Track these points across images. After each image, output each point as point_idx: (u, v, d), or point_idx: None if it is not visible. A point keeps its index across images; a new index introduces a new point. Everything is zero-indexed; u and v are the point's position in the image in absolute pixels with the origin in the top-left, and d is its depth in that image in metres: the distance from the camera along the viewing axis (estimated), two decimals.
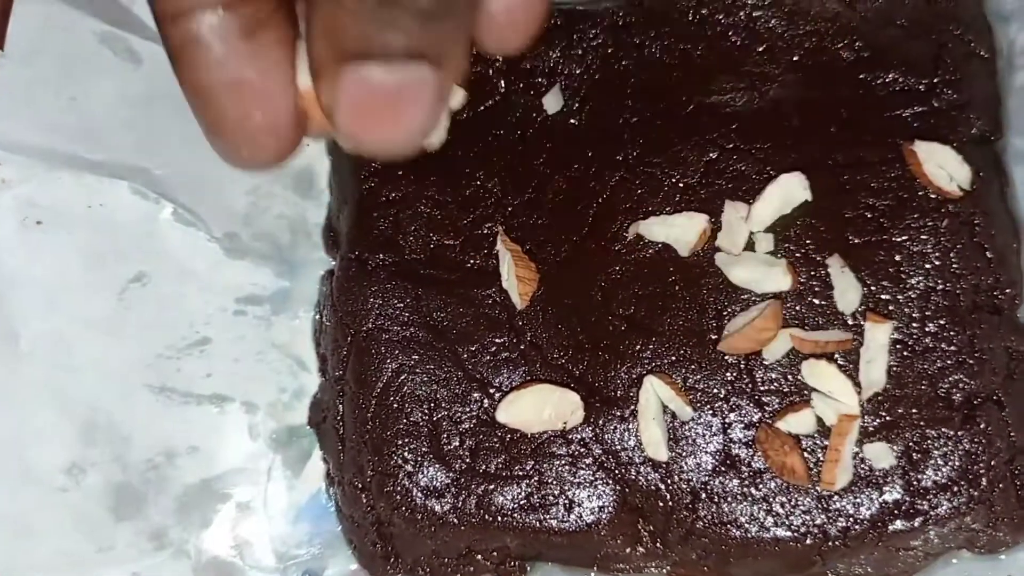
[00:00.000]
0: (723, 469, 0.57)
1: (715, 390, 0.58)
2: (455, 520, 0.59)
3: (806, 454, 0.57)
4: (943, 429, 0.56)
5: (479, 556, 0.63)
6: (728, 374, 0.58)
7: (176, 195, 0.66)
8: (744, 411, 0.58)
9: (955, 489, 0.56)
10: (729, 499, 0.57)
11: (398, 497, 0.59)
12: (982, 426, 0.56)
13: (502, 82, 0.64)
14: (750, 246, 0.59)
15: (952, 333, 0.57)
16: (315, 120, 0.32)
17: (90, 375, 0.64)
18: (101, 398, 0.64)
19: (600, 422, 0.58)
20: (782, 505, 0.57)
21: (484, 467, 0.59)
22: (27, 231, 0.63)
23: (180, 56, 0.30)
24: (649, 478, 0.58)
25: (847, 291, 0.58)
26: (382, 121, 0.29)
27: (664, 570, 0.62)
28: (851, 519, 0.56)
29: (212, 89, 0.30)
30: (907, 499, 0.56)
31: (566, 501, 0.58)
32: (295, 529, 0.66)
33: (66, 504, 0.62)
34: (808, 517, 0.56)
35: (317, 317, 0.68)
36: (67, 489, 0.62)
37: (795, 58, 0.61)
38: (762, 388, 0.58)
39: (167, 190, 0.66)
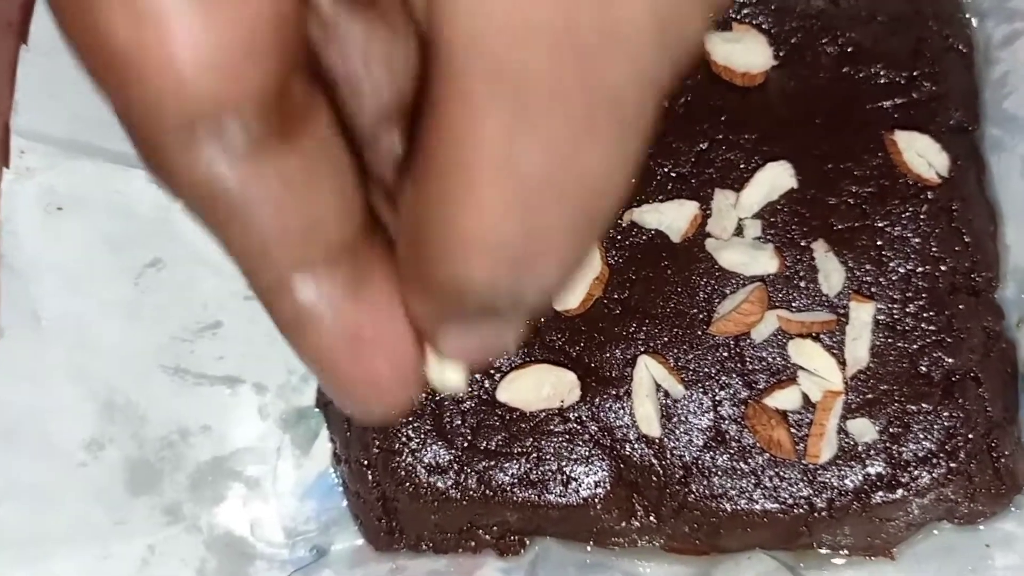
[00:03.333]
0: (713, 444, 0.59)
1: (706, 369, 0.60)
2: (457, 496, 0.61)
3: (792, 429, 0.59)
4: (923, 404, 0.58)
5: (480, 531, 0.65)
6: (718, 354, 0.60)
7: None
8: (733, 389, 0.60)
9: (935, 462, 0.58)
10: (719, 473, 0.59)
11: (402, 474, 0.61)
12: (960, 401, 0.58)
13: None
14: (739, 232, 0.61)
15: (932, 313, 0.59)
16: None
17: (108, 355, 0.65)
18: (119, 377, 0.65)
19: (596, 400, 0.60)
20: (770, 478, 0.59)
21: (485, 444, 0.61)
22: (49, 217, 0.65)
23: (290, 330, 0.27)
24: (643, 454, 0.60)
25: (831, 274, 0.60)
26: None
27: (657, 543, 0.64)
28: (836, 491, 0.58)
29: (332, 356, 0.27)
30: (889, 471, 0.58)
31: (563, 477, 0.60)
32: (303, 506, 0.67)
33: (85, 478, 0.64)
34: (795, 489, 0.59)
35: None
36: (86, 464, 0.64)
37: (782, 53, 0.63)
38: (750, 367, 0.60)
39: None
